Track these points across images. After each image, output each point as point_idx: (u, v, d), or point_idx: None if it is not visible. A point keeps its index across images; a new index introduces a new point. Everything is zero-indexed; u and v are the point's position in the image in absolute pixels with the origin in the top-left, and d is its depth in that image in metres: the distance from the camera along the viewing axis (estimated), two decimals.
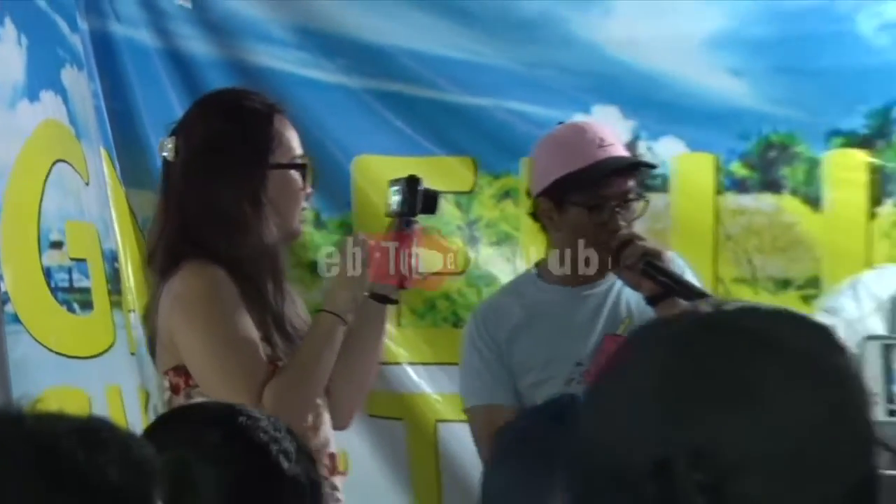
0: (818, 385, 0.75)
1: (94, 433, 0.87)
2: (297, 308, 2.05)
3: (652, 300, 2.06)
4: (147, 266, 2.20)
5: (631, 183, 2.17)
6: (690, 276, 2.13)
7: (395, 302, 2.07)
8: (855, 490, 0.75)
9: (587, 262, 2.14)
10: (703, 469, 0.70)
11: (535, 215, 2.23)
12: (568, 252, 2.16)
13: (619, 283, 2.17)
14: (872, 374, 1.61)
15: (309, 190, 2.04)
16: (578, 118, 2.64)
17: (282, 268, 2.04)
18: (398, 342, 2.70)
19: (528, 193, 2.25)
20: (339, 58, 2.74)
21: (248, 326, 1.97)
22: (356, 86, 2.73)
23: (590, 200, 2.12)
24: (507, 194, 2.73)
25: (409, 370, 2.71)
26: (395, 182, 2.02)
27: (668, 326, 0.83)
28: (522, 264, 2.72)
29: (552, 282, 2.18)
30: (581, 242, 2.14)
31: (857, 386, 0.78)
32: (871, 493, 0.77)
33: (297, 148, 2.01)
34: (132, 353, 2.50)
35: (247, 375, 1.96)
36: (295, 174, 2.00)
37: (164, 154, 2.03)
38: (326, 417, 1.97)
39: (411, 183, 2.00)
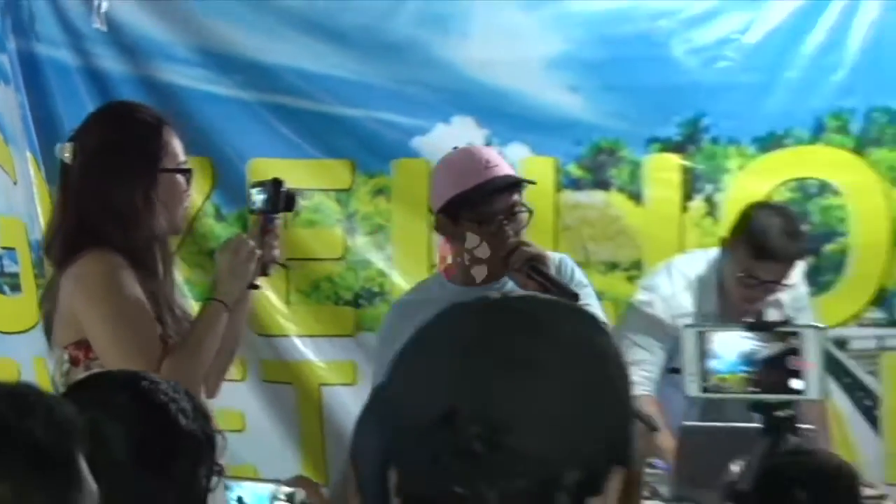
0: (581, 361, 0.84)
1: (22, 397, 0.94)
2: (177, 292, 2.30)
3: None
4: (45, 255, 2.33)
5: (515, 197, 2.35)
6: (579, 274, 2.38)
7: (258, 287, 2.26)
8: (611, 447, 0.84)
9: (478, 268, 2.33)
10: (480, 424, 0.78)
11: (436, 228, 2.44)
12: (466, 258, 2.33)
13: (510, 284, 2.35)
14: (689, 357, 1.72)
15: (191, 191, 2.26)
16: (440, 127, 3.08)
17: (170, 256, 2.26)
18: (287, 318, 3.08)
19: (429, 209, 2.48)
20: (235, 75, 3.08)
21: (145, 307, 2.11)
22: (250, 99, 3.08)
23: (479, 216, 2.30)
24: (380, 191, 3.12)
25: (297, 341, 3.08)
26: (258, 184, 2.25)
27: (463, 307, 0.91)
28: (392, 251, 3.14)
29: (456, 283, 2.39)
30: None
31: (616, 363, 0.87)
32: (625, 448, 0.86)
33: (182, 155, 2.21)
34: None
35: (145, 351, 2.10)
36: (180, 177, 2.20)
37: (64, 157, 2.18)
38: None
39: (275, 184, 2.21)
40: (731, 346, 1.80)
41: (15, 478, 0.92)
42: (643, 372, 2.71)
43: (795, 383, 1.64)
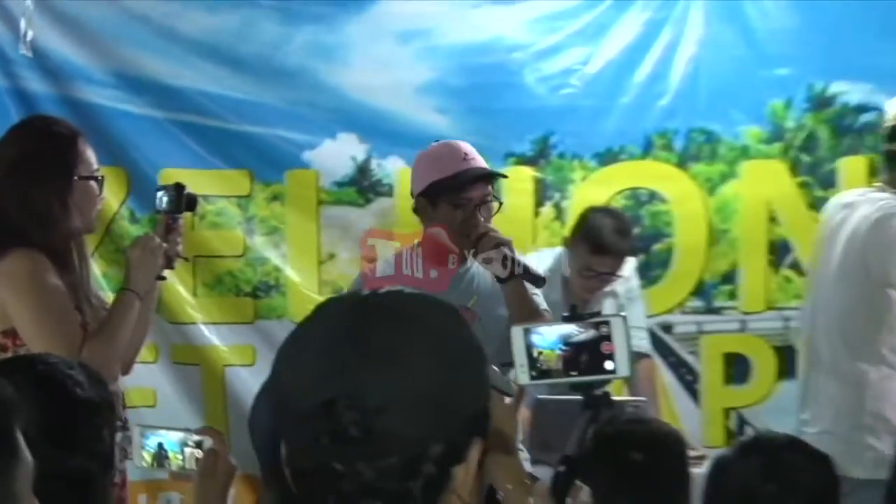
0: (442, 349, 0.90)
1: None
2: (94, 284, 2.55)
3: (501, 280, 2.43)
4: None
5: (488, 188, 2.55)
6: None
7: (164, 278, 2.49)
8: (470, 422, 0.91)
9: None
10: (355, 410, 0.83)
11: (415, 210, 2.62)
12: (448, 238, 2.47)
13: (476, 266, 2.54)
14: (518, 350, 1.79)
15: (103, 195, 2.45)
16: (327, 142, 3.53)
17: (85, 253, 2.45)
18: (195, 308, 3.47)
19: (411, 193, 2.65)
20: (147, 95, 3.43)
21: (66, 299, 2.28)
22: (161, 117, 3.44)
23: (456, 200, 2.48)
24: (275, 198, 3.52)
25: (203, 328, 3.47)
26: (162, 187, 2.52)
27: (339, 302, 0.97)
28: (286, 249, 3.54)
29: (430, 263, 2.58)
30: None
31: (474, 349, 0.94)
32: (483, 422, 0.94)
33: (95, 164, 2.39)
34: None
35: (66, 338, 2.25)
36: (93, 184, 2.38)
37: None
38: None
39: (178, 188, 2.47)
40: (553, 335, 1.89)
41: None
42: None
43: (608, 364, 1.73)
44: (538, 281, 2.51)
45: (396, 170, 3.52)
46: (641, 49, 3.57)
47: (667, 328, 3.63)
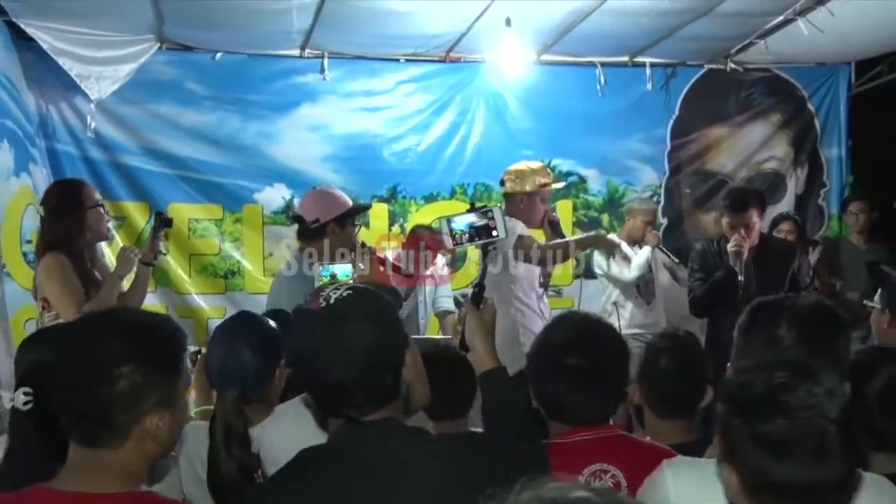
0: (369, 321, 1.57)
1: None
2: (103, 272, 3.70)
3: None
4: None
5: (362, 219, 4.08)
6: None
7: (154, 265, 3.89)
8: (394, 372, 1.58)
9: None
10: (346, 356, 1.57)
11: (316, 230, 3.60)
12: (340, 250, 3.52)
13: None
14: (444, 230, 2.25)
15: (109, 217, 3.78)
16: (268, 188, 5.78)
17: (96, 255, 3.68)
18: (190, 284, 5.54)
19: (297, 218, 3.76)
20: (162, 160, 5.43)
21: (76, 281, 3.46)
22: (170, 173, 5.45)
23: (352, 223, 3.66)
24: (238, 220, 5.62)
25: (195, 296, 5.53)
26: (154, 215, 4.09)
27: (315, 318, 1.58)
28: (244, 251, 5.67)
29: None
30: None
31: (393, 319, 1.63)
32: (398, 369, 1.62)
33: (97, 198, 3.66)
34: None
35: (73, 301, 3.40)
36: (100, 209, 3.64)
37: (38, 210, 3.73)
38: None
39: (158, 214, 4.01)
40: (464, 221, 2.24)
41: None
42: None
43: (494, 233, 2.16)
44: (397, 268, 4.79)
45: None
46: (448, 137, 5.97)
47: (464, 296, 5.90)
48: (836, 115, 6.46)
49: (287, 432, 2.11)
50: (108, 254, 4.73)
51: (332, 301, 1.60)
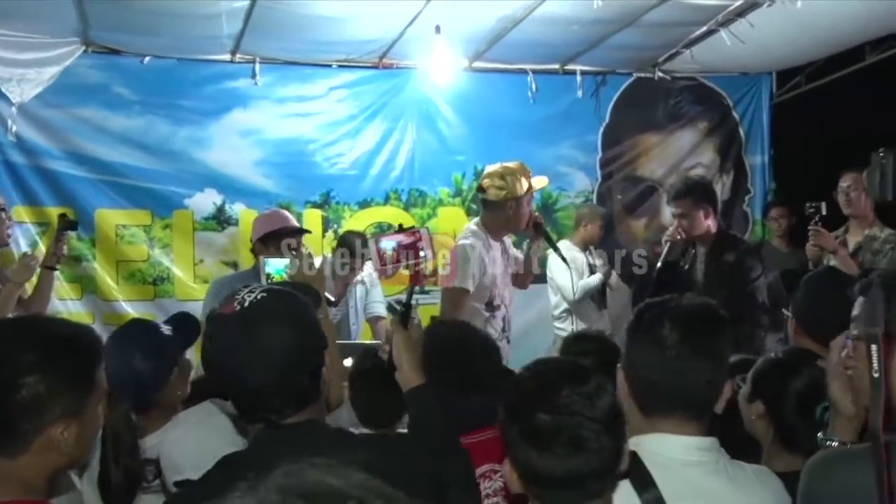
0: (284, 323, 1.54)
1: None
2: None
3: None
4: None
5: (299, 238, 3.94)
6: None
7: (55, 269, 4.12)
8: (312, 374, 1.57)
9: None
10: (269, 386, 1.54)
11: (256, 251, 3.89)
12: None
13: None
14: (373, 252, 2.21)
15: (11, 222, 4.13)
16: (198, 194, 5.72)
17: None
18: (118, 291, 5.45)
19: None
20: (87, 165, 5.35)
21: None
22: (96, 178, 5.36)
23: (279, 243, 3.83)
24: (167, 226, 5.56)
25: (123, 303, 5.46)
26: (60, 216, 4.31)
27: (229, 321, 1.58)
28: (173, 257, 5.65)
29: None
30: None
31: (312, 320, 1.60)
32: (324, 343, 1.60)
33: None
34: None
35: None
36: (2, 215, 3.95)
37: None
38: None
39: (62, 216, 4.22)
40: (392, 241, 2.23)
41: None
42: None
43: (421, 254, 2.14)
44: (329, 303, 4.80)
45: (240, 210, 5.73)
46: (381, 143, 6.01)
47: (399, 302, 5.94)
48: (759, 123, 6.66)
49: (188, 438, 2.11)
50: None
51: (246, 304, 1.58)
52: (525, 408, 1.51)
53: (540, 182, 4.44)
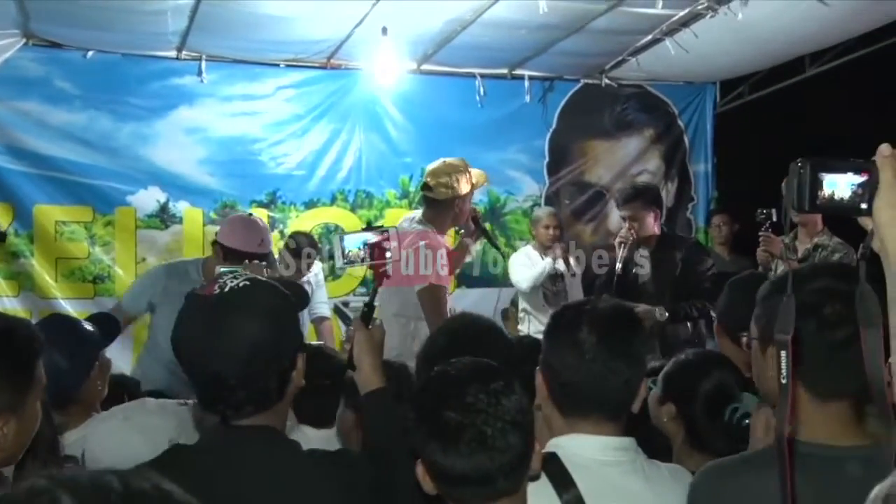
0: (261, 315, 1.50)
1: None
2: None
3: None
4: None
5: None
6: None
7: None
8: (280, 375, 1.51)
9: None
10: (233, 377, 1.46)
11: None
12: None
13: None
14: (336, 248, 2.22)
15: None
16: (141, 191, 5.60)
17: None
18: (56, 288, 5.37)
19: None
20: (27, 160, 5.26)
21: None
22: (36, 173, 5.28)
23: (237, 262, 3.65)
24: (109, 223, 5.49)
25: (62, 301, 5.33)
26: None
27: (202, 296, 1.53)
28: (115, 255, 5.59)
29: (206, 278, 3.63)
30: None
31: (288, 315, 1.55)
32: (301, 344, 1.56)
33: None
34: None
35: None
36: None
37: None
38: None
39: None
40: (358, 240, 2.21)
41: None
42: None
43: (387, 254, 2.15)
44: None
45: (184, 209, 5.68)
46: (329, 144, 6.00)
47: (345, 304, 5.85)
48: (703, 132, 6.78)
49: (112, 436, 2.09)
50: None
51: (226, 289, 1.53)
52: (432, 406, 1.51)
53: (479, 177, 4.43)
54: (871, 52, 5.42)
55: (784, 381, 1.33)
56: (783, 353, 1.32)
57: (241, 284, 1.55)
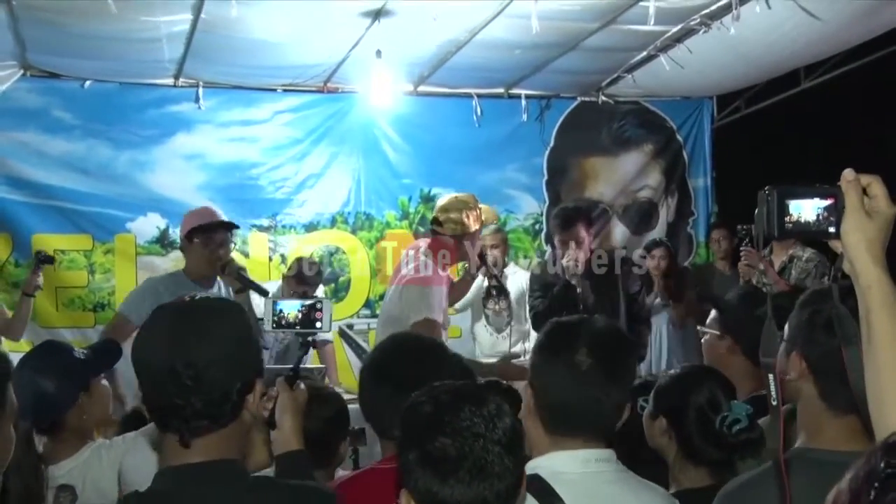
0: (235, 329, 1.50)
1: None
2: None
3: (237, 290, 3.80)
4: None
5: (228, 234, 3.85)
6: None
7: (33, 296, 4.52)
8: (254, 368, 1.52)
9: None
10: (189, 367, 1.41)
11: (181, 248, 3.89)
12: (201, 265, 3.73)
13: (221, 283, 3.83)
14: (267, 311, 2.14)
15: None
16: (141, 217, 5.62)
17: None
18: (57, 318, 5.36)
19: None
20: (27, 190, 5.27)
21: None
22: (35, 202, 5.30)
23: (206, 240, 3.77)
24: (108, 251, 5.50)
25: (63, 330, 5.31)
26: (36, 252, 4.56)
27: (173, 305, 1.52)
28: (115, 283, 5.56)
29: (191, 279, 3.78)
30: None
31: (248, 325, 1.53)
32: (260, 367, 1.53)
33: None
34: None
35: None
36: None
37: None
38: None
39: (38, 253, 4.55)
40: (294, 305, 2.16)
41: None
42: None
43: (318, 324, 2.13)
44: (263, 292, 4.65)
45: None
46: (327, 168, 6.02)
47: (349, 326, 5.84)
48: (702, 146, 6.78)
49: (149, 464, 2.05)
50: None
51: (196, 298, 1.55)
52: (423, 432, 1.43)
53: (489, 214, 4.44)
54: (865, 63, 5.42)
55: (774, 403, 1.35)
56: (770, 377, 1.34)
57: (209, 299, 1.57)
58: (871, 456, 0.83)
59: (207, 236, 3.84)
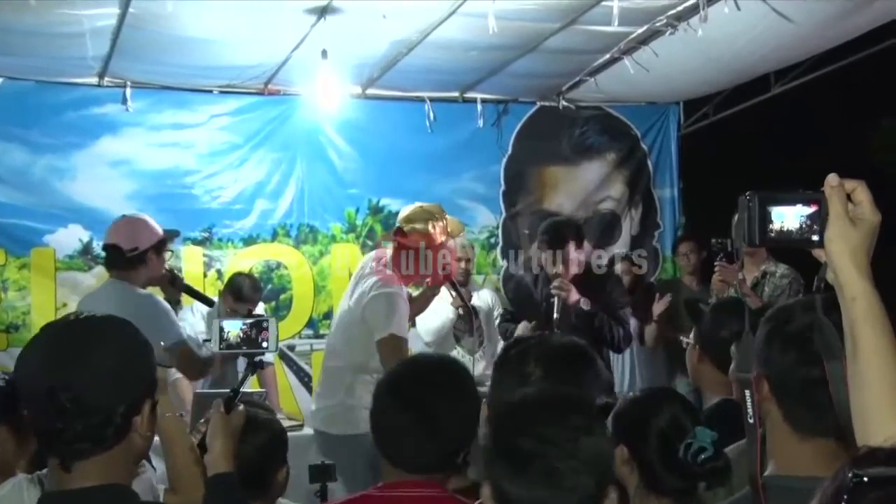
0: (122, 348, 1.43)
1: None
2: None
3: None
4: None
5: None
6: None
7: None
8: (142, 388, 1.44)
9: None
10: (69, 390, 1.34)
11: (135, 259, 3.49)
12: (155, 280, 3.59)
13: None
14: (214, 331, 2.20)
15: None
16: (61, 230, 5.16)
17: None
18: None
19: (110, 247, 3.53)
20: None
21: None
22: None
23: (161, 250, 3.61)
24: (23, 266, 5.06)
25: None
26: None
27: (61, 321, 1.49)
28: (31, 300, 5.10)
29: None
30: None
31: (143, 345, 1.46)
32: (151, 387, 1.46)
33: None
34: None
35: None
36: None
37: None
38: None
39: None
40: (237, 325, 2.23)
41: None
42: None
43: (264, 344, 2.16)
44: (209, 303, 4.29)
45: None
46: (268, 176, 5.62)
47: (291, 348, 5.55)
48: (668, 155, 6.45)
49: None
50: None
51: (81, 316, 1.51)
52: (509, 428, 1.48)
53: (455, 226, 4.12)
54: (837, 68, 5.16)
55: (751, 421, 1.33)
56: (747, 393, 1.33)
57: (103, 314, 1.51)
58: (839, 472, 0.80)
59: (162, 248, 3.69)
